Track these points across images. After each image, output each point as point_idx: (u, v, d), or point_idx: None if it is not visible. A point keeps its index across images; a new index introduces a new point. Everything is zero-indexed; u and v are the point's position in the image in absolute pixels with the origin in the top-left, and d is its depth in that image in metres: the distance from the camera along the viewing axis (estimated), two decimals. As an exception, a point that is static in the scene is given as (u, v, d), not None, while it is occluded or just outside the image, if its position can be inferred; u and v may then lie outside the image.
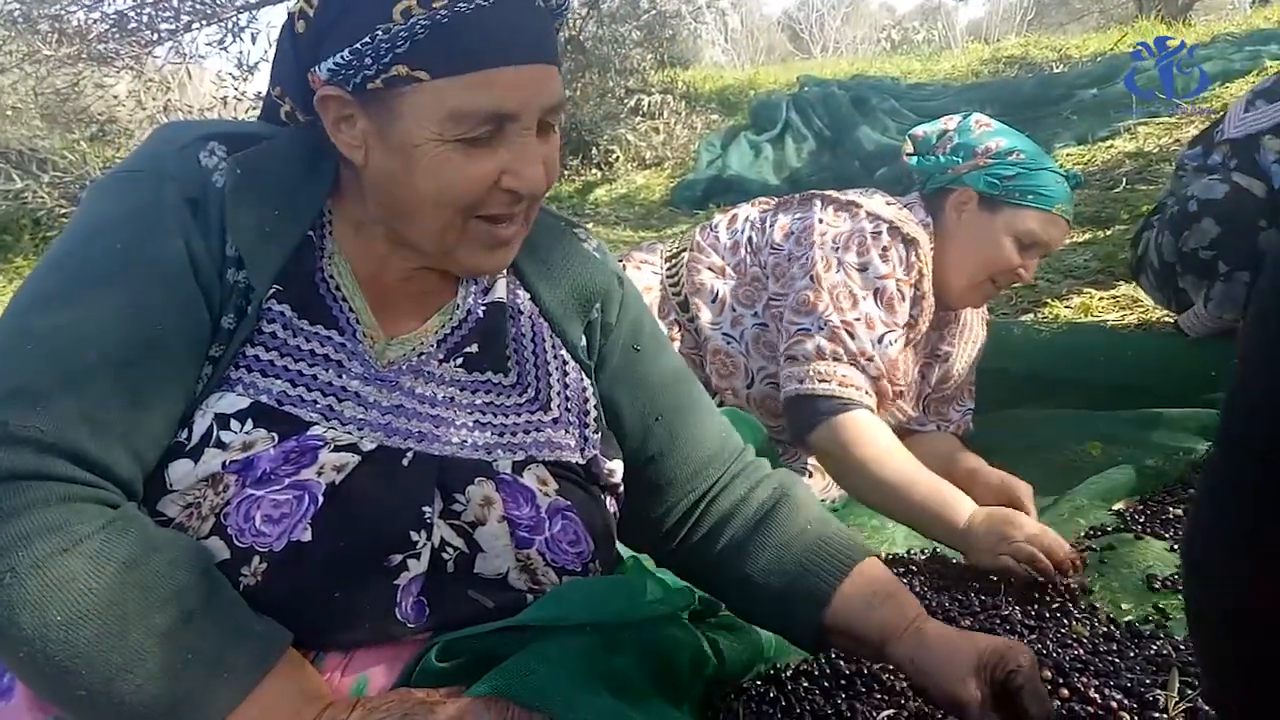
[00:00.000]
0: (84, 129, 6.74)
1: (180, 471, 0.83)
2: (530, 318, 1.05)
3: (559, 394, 1.03)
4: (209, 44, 7.38)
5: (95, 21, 6.73)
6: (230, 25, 6.99)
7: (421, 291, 0.99)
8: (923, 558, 1.56)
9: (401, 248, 0.95)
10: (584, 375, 1.06)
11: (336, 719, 0.78)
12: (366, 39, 0.84)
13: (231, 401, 0.86)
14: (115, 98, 7.03)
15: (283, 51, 0.93)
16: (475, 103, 0.84)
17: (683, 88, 8.67)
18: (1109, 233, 3.77)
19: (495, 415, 0.98)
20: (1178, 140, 4.68)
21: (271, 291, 0.91)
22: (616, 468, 1.06)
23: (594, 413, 1.05)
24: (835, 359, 1.72)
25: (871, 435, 1.66)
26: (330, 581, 0.84)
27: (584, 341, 1.07)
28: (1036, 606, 1.36)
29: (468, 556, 0.89)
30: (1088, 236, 3.76)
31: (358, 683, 0.86)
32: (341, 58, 0.85)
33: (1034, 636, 1.24)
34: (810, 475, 2.01)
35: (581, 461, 1.01)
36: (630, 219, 6.12)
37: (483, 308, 1.02)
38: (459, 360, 0.98)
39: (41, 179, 5.78)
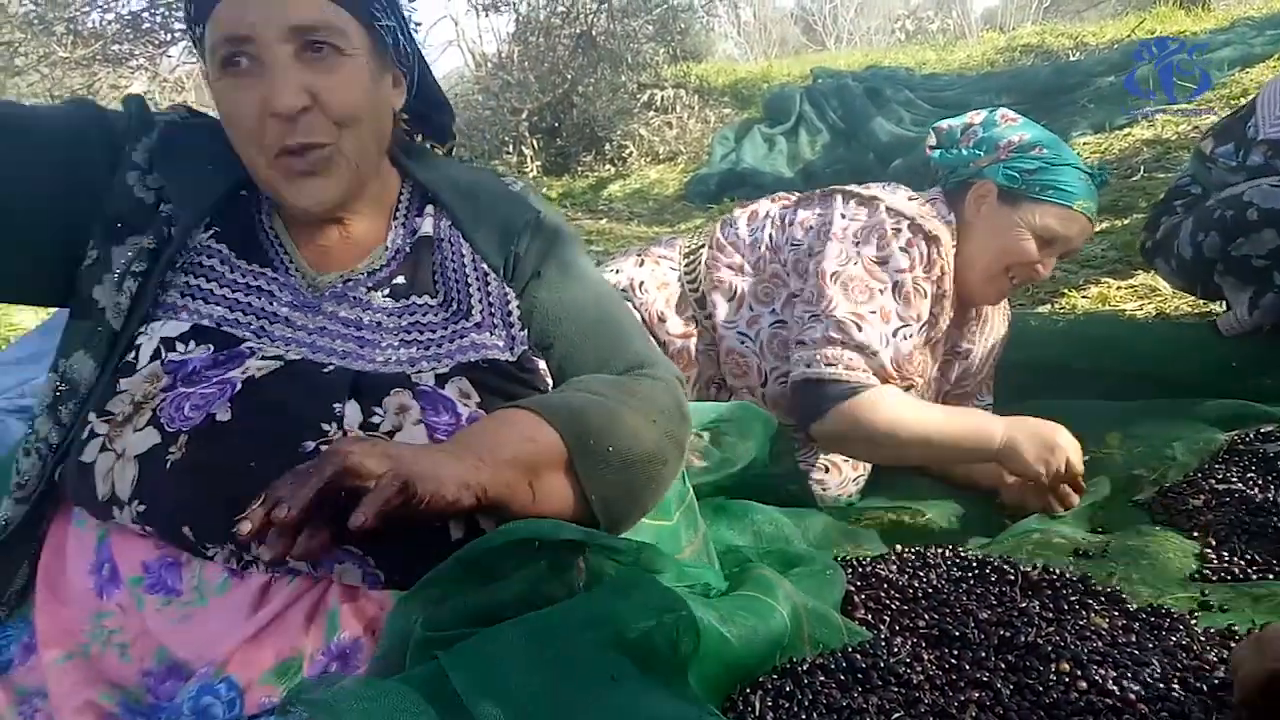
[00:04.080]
0: (101, 131, 6.77)
1: (131, 384, 0.94)
2: (451, 241, 1.10)
3: (480, 300, 1.06)
4: (223, 44, 7.36)
5: (110, 23, 6.78)
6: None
7: (354, 237, 1.07)
8: (938, 553, 1.56)
9: None
10: (505, 285, 1.09)
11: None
12: (186, 11, 0.99)
13: (175, 326, 0.97)
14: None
15: None
16: (215, 34, 0.95)
17: (695, 81, 8.64)
18: (1126, 222, 3.74)
19: (421, 332, 1.03)
20: (1196, 128, 4.63)
21: (211, 233, 1.02)
22: (546, 368, 1.11)
23: (516, 313, 1.08)
24: (844, 346, 1.74)
25: (882, 404, 1.71)
26: (248, 452, 0.88)
27: (504, 265, 1.09)
28: (1054, 599, 1.35)
29: None
30: (1105, 225, 3.73)
31: (329, 618, 0.88)
32: (194, 33, 0.98)
33: (1052, 629, 1.23)
34: (828, 470, 2.00)
35: (512, 359, 1.05)
36: (644, 214, 6.11)
37: (409, 244, 1.09)
38: (386, 291, 1.04)
39: (60, 181, 5.82)
